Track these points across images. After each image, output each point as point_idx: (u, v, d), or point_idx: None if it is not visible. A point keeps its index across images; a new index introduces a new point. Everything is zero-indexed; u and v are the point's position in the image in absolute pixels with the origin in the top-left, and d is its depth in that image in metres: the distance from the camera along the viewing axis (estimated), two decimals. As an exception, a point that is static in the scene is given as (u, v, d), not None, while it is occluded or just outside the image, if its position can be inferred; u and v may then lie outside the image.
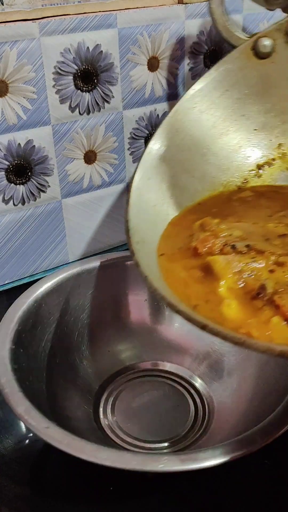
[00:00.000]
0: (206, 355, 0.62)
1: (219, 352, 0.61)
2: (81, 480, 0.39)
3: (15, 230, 0.71)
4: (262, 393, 0.52)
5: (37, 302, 0.59)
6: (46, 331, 0.59)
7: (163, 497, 0.47)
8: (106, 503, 0.46)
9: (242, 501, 0.46)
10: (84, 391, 0.59)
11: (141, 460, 0.40)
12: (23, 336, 0.54)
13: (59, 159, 0.70)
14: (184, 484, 0.47)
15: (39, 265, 0.75)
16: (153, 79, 0.73)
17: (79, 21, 0.64)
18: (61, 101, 0.67)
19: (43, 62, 0.63)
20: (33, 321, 0.57)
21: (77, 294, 0.64)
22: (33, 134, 0.66)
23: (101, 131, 0.72)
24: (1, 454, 0.51)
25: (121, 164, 0.76)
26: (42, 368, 0.56)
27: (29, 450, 0.41)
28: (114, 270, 0.66)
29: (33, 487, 0.49)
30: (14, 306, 0.57)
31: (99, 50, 0.67)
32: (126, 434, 0.54)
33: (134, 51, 0.70)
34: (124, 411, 0.57)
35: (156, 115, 0.76)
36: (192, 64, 0.76)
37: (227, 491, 0.47)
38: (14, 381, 0.46)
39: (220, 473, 0.46)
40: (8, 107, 0.63)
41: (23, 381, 0.48)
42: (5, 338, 0.52)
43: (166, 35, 0.71)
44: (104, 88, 0.69)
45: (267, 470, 0.48)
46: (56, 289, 0.61)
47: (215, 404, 0.57)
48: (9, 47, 0.60)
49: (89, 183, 0.74)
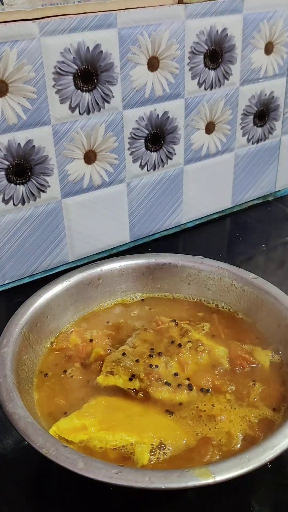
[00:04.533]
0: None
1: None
2: (81, 480, 0.39)
3: (15, 230, 0.71)
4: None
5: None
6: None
7: (163, 497, 0.47)
8: (106, 503, 0.46)
9: (243, 503, 0.46)
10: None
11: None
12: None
13: (59, 159, 0.70)
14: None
15: (39, 265, 0.75)
16: (153, 79, 0.73)
17: (79, 21, 0.64)
18: (61, 101, 0.67)
19: (43, 62, 0.63)
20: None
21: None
22: (33, 134, 0.66)
23: (101, 131, 0.72)
24: (1, 455, 0.51)
25: (121, 164, 0.76)
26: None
27: (29, 451, 0.41)
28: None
29: (34, 487, 0.49)
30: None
31: (99, 50, 0.67)
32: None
33: (134, 51, 0.70)
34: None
35: (156, 115, 0.76)
36: (192, 64, 0.76)
37: (227, 491, 0.47)
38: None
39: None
40: (8, 107, 0.63)
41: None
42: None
43: (166, 35, 0.71)
44: (104, 88, 0.69)
45: (269, 471, 0.48)
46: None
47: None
48: (9, 47, 0.60)
49: (89, 183, 0.74)
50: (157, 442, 0.45)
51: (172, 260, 0.64)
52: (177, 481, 0.38)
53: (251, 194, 0.95)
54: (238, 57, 0.80)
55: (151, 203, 0.82)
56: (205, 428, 0.47)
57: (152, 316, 0.60)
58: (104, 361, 0.53)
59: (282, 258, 0.82)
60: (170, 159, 0.81)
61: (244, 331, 0.58)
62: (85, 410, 0.48)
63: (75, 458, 0.40)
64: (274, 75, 0.87)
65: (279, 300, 0.57)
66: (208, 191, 0.89)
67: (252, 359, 0.54)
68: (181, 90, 0.77)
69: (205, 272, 0.63)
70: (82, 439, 0.45)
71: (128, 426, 0.46)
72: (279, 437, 0.42)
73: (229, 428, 0.47)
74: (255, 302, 0.59)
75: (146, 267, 0.64)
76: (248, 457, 0.40)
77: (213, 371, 0.52)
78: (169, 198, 0.84)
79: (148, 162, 0.79)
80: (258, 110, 0.88)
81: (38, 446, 0.41)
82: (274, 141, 0.93)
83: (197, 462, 0.44)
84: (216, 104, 0.82)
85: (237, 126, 0.86)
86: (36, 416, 0.46)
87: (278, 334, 0.55)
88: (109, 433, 0.45)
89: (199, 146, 0.83)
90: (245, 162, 0.91)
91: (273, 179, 0.97)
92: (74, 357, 0.55)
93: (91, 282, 0.62)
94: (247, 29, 0.79)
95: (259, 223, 0.92)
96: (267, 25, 0.81)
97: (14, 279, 0.74)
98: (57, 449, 0.40)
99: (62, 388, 0.52)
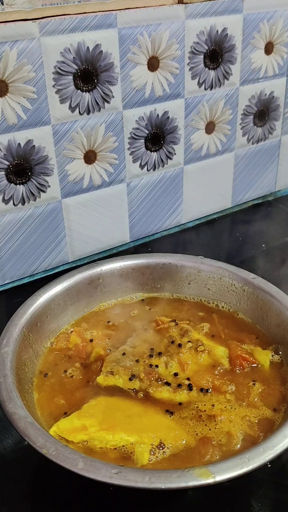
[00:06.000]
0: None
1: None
2: (81, 480, 0.39)
3: (15, 230, 0.71)
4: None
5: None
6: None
7: (163, 497, 0.47)
8: (106, 503, 0.46)
9: (243, 503, 0.46)
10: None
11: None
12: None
13: (59, 159, 0.70)
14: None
15: (39, 265, 0.75)
16: (153, 79, 0.73)
17: (79, 21, 0.64)
18: (61, 101, 0.67)
19: (43, 62, 0.63)
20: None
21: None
22: (33, 134, 0.66)
23: (101, 131, 0.72)
24: (1, 455, 0.51)
25: (121, 164, 0.76)
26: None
27: (29, 451, 0.41)
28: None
29: (33, 487, 0.49)
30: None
31: (99, 50, 0.67)
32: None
33: (134, 51, 0.70)
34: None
35: (156, 115, 0.76)
36: (192, 64, 0.76)
37: (227, 491, 0.47)
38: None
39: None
40: (8, 107, 0.63)
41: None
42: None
43: (166, 35, 0.71)
44: (104, 88, 0.69)
45: (269, 471, 0.48)
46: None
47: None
48: (9, 47, 0.60)
49: (89, 183, 0.74)
50: (157, 442, 0.45)
51: (172, 260, 0.64)
52: (177, 481, 0.38)
53: (251, 194, 0.95)
54: (238, 57, 0.80)
55: (151, 203, 0.82)
56: (205, 428, 0.47)
57: (152, 316, 0.60)
58: (104, 361, 0.53)
59: (282, 258, 0.82)
60: (170, 159, 0.81)
61: (244, 331, 0.58)
62: (85, 410, 0.48)
63: (75, 458, 0.40)
64: (274, 75, 0.87)
65: (279, 300, 0.57)
66: (208, 191, 0.89)
67: (252, 359, 0.54)
68: (181, 90, 0.77)
69: (205, 272, 0.63)
70: (82, 439, 0.45)
71: (128, 426, 0.46)
72: (279, 437, 0.42)
73: (229, 428, 0.47)
74: (255, 302, 0.59)
75: (146, 267, 0.64)
76: (248, 457, 0.40)
77: (213, 371, 0.52)
78: (169, 198, 0.84)
79: (148, 162, 0.79)
80: (258, 110, 0.88)
81: (38, 446, 0.41)
82: (274, 141, 0.93)
83: (197, 462, 0.44)
84: (216, 104, 0.82)
85: (237, 126, 0.86)
86: (36, 416, 0.46)
87: (278, 334, 0.56)
88: (109, 433, 0.45)
89: (199, 146, 0.83)
90: (245, 162, 0.91)
91: (273, 179, 0.97)
92: (74, 357, 0.55)
93: (91, 282, 0.62)
94: (247, 29, 0.79)
95: (259, 223, 0.92)
96: (267, 25, 0.81)
97: (14, 279, 0.74)
98: (57, 449, 0.40)
99: (62, 388, 0.52)
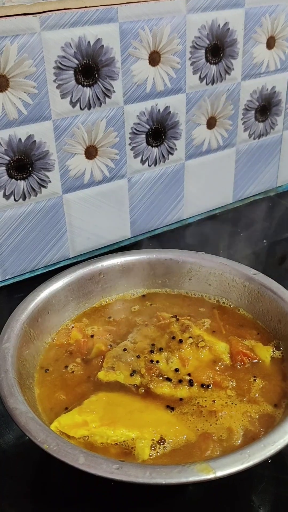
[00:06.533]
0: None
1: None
2: (82, 475, 0.39)
3: (16, 226, 0.71)
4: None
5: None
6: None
7: (163, 492, 0.47)
8: (107, 498, 0.46)
9: (244, 498, 0.47)
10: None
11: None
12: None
13: (60, 154, 0.70)
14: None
15: (40, 261, 0.75)
16: (154, 74, 0.73)
17: (80, 15, 0.64)
18: (62, 96, 0.66)
19: (43, 57, 0.63)
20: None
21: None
22: (34, 129, 0.66)
23: (102, 126, 0.71)
24: (2, 450, 0.51)
25: (122, 159, 0.76)
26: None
27: (30, 446, 0.41)
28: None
29: (35, 482, 0.49)
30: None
31: (100, 45, 0.66)
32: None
33: (135, 46, 0.69)
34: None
35: (157, 109, 0.76)
36: (193, 59, 0.75)
37: (228, 487, 0.47)
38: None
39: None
40: (8, 102, 0.63)
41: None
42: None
43: (168, 29, 0.71)
44: (105, 83, 0.69)
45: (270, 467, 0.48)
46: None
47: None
48: (10, 41, 0.60)
49: (90, 178, 0.74)
50: (157, 438, 0.45)
51: (173, 256, 0.64)
52: (177, 476, 0.38)
53: (252, 190, 0.95)
54: (239, 52, 0.80)
55: (152, 198, 0.82)
56: (205, 423, 0.47)
57: (153, 312, 0.60)
58: (105, 356, 0.53)
59: (283, 253, 0.82)
60: (171, 154, 0.81)
61: (245, 326, 0.58)
62: (86, 406, 0.48)
63: (76, 453, 0.40)
64: (276, 69, 0.86)
65: (280, 295, 0.57)
66: (209, 186, 0.88)
67: (253, 355, 0.54)
68: (183, 85, 0.76)
69: (206, 268, 0.63)
70: (83, 435, 0.45)
71: (129, 422, 0.46)
72: (280, 433, 0.42)
73: (229, 423, 0.47)
74: (256, 297, 0.59)
75: (147, 263, 0.64)
76: (248, 452, 0.40)
77: (214, 366, 0.52)
78: (170, 194, 0.84)
79: (149, 157, 0.78)
80: (260, 105, 0.88)
81: (39, 441, 0.41)
82: (275, 136, 0.93)
83: (197, 457, 0.44)
84: (218, 99, 0.81)
85: (238, 121, 0.86)
86: (37, 411, 0.46)
87: (279, 330, 0.56)
88: (110, 428, 0.45)
89: (200, 141, 0.83)
90: (247, 157, 0.91)
91: (275, 175, 0.97)
92: (75, 352, 0.55)
93: (92, 277, 0.62)
94: (249, 23, 0.79)
95: (260, 218, 0.92)
96: (269, 19, 0.81)
97: (15, 275, 0.74)
98: (58, 444, 0.40)
99: (63, 383, 0.52)
